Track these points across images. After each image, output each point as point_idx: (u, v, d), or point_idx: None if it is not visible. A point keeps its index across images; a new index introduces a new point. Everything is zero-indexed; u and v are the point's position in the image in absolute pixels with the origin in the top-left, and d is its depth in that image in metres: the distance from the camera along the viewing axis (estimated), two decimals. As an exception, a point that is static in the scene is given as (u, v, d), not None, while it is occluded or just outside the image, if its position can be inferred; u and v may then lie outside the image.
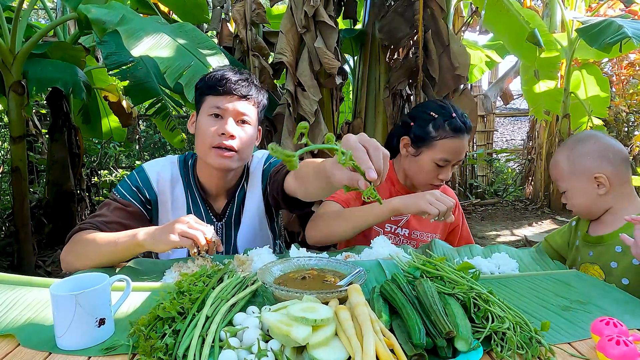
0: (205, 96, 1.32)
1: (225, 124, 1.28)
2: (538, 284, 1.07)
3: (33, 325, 0.87)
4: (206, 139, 1.29)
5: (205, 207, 1.41)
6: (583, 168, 1.27)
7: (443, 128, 1.48)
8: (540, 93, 4.85)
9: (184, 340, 0.75)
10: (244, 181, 1.45)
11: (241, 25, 3.35)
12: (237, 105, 1.30)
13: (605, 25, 3.24)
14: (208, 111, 1.30)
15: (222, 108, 1.28)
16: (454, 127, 1.47)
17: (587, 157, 1.27)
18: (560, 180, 1.33)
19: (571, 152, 1.31)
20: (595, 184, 1.26)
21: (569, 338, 0.82)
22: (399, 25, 3.30)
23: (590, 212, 1.32)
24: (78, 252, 1.20)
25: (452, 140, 1.48)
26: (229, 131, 1.27)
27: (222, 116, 1.29)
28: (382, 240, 1.24)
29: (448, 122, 1.48)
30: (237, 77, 1.31)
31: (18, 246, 3.04)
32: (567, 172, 1.30)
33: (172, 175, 1.39)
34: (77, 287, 0.84)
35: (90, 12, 2.28)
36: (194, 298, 0.86)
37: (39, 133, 4.82)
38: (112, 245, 1.15)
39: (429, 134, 1.50)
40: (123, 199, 1.32)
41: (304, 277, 0.99)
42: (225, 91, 1.28)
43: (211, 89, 1.30)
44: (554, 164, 1.35)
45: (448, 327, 0.73)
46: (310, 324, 0.72)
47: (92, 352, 0.79)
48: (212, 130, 1.28)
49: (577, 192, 1.30)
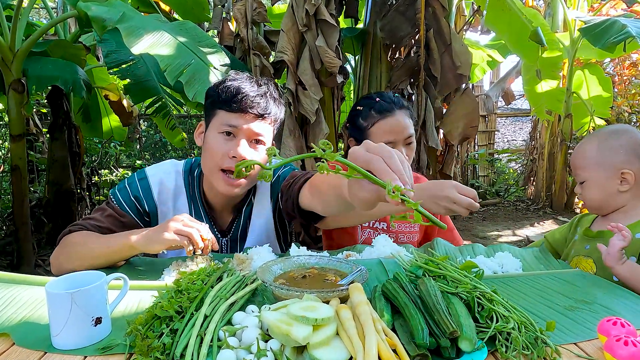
0: (217, 109, 1.20)
1: (238, 146, 1.16)
2: (542, 284, 1.05)
3: (28, 324, 0.86)
4: (215, 159, 1.18)
5: (210, 222, 1.31)
6: (612, 161, 1.24)
7: (370, 115, 1.47)
8: (542, 93, 4.83)
9: (181, 340, 0.73)
10: (251, 195, 1.35)
11: (242, 24, 3.34)
12: (252, 125, 1.17)
13: (608, 25, 3.22)
14: (219, 128, 1.18)
15: (235, 127, 1.17)
16: (380, 109, 1.46)
17: (619, 151, 1.24)
18: (582, 170, 1.29)
19: (603, 143, 1.26)
20: (619, 179, 1.23)
21: (574, 338, 0.81)
22: (401, 24, 3.28)
23: (601, 207, 1.29)
24: (69, 253, 1.15)
25: (383, 121, 1.45)
26: (242, 155, 1.16)
27: (235, 135, 1.18)
28: (384, 239, 1.22)
29: (372, 108, 1.48)
30: (255, 93, 1.18)
31: (18, 245, 3.03)
32: (592, 162, 1.26)
33: (176, 185, 1.30)
34: (74, 285, 0.83)
35: (90, 10, 2.27)
36: (192, 297, 0.85)
37: (39, 132, 4.81)
38: (104, 248, 1.12)
39: (361, 126, 1.49)
40: (120, 209, 1.25)
41: (304, 275, 0.97)
42: (240, 108, 1.16)
43: (225, 104, 1.18)
44: (580, 152, 1.31)
45: (452, 326, 0.72)
46: (311, 323, 0.70)
47: (88, 351, 0.78)
48: (223, 150, 1.17)
49: (597, 184, 1.26)
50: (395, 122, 1.45)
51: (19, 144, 2.94)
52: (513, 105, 9.32)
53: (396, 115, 1.45)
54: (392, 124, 1.45)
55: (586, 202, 1.30)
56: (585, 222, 1.37)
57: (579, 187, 1.31)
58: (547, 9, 5.51)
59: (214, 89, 1.22)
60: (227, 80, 1.21)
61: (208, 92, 1.24)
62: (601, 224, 1.30)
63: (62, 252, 1.17)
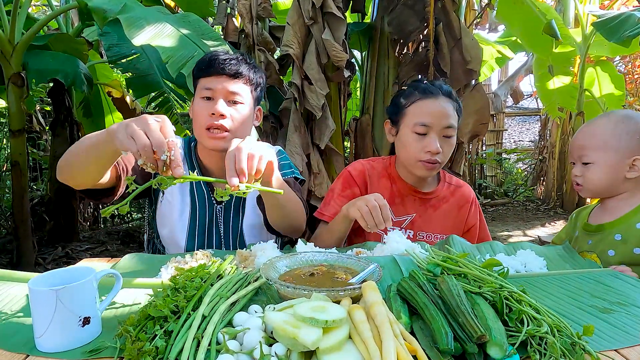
0: (198, 80, 1.31)
1: (215, 104, 1.26)
2: (571, 284, 0.97)
3: (11, 325, 0.79)
4: (199, 121, 1.28)
5: (208, 189, 1.39)
6: (626, 145, 1.19)
7: (411, 93, 1.39)
8: (554, 89, 4.72)
9: (176, 343, 0.66)
10: None
11: (247, 19, 3.27)
12: (227, 85, 1.27)
13: (623, 19, 3.12)
14: (200, 93, 1.29)
15: (212, 89, 1.27)
16: (423, 89, 1.37)
17: (635, 136, 1.20)
18: (591, 150, 1.23)
19: (619, 125, 1.21)
20: (628, 165, 1.20)
21: (614, 344, 0.72)
22: (409, 18, 3.20)
23: (603, 192, 1.26)
24: (68, 151, 1.10)
25: (423, 101, 1.35)
26: (219, 110, 1.25)
27: (213, 97, 1.28)
28: (397, 235, 1.14)
29: (415, 87, 1.40)
30: (226, 57, 1.29)
31: (17, 243, 2.98)
32: (603, 145, 1.21)
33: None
34: (60, 281, 0.76)
35: (91, 1, 2.21)
36: (190, 295, 0.77)
37: (42, 130, 4.77)
38: (92, 137, 1.02)
39: (400, 104, 1.41)
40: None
41: (312, 273, 0.89)
42: (214, 71, 1.27)
43: (202, 71, 1.29)
44: (590, 133, 1.25)
45: (480, 330, 0.63)
46: (321, 325, 0.63)
47: (74, 354, 0.71)
48: (204, 112, 1.27)
49: (604, 167, 1.22)
50: (437, 107, 1.34)
51: (18, 140, 2.88)
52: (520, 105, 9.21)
53: (439, 100, 1.35)
54: (431, 106, 1.34)
55: (588, 185, 1.25)
56: (583, 216, 1.34)
57: (581, 168, 1.26)
58: (557, 5, 5.40)
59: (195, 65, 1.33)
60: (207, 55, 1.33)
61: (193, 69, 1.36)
62: (599, 216, 1.28)
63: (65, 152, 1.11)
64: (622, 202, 1.24)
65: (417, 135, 1.34)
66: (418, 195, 1.47)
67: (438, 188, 1.49)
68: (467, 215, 1.50)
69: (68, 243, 3.74)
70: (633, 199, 1.23)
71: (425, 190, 1.47)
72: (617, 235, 1.19)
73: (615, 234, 1.20)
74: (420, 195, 1.47)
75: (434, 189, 1.49)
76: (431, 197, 1.48)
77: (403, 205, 1.47)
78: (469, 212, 1.51)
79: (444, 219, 1.47)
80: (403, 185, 1.47)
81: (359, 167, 1.50)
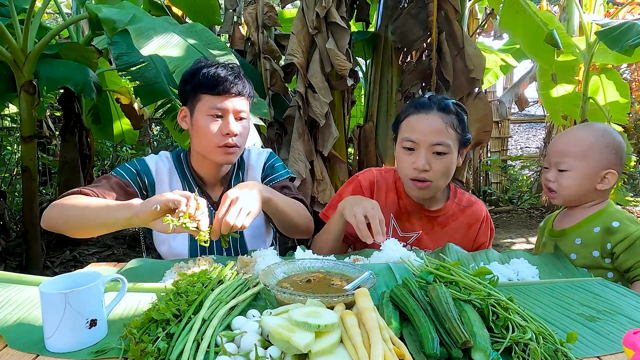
0: (200, 94, 1.33)
1: (229, 124, 1.32)
2: (561, 292, 0.99)
3: (23, 326, 0.83)
4: (211, 139, 1.32)
5: (202, 195, 1.42)
6: (602, 158, 1.24)
7: (407, 108, 1.38)
8: (558, 97, 4.72)
9: (177, 345, 0.69)
10: (239, 170, 1.49)
11: (253, 27, 3.34)
12: (236, 104, 1.33)
13: (626, 28, 3.13)
14: (208, 111, 1.32)
15: (223, 109, 1.32)
16: (416, 104, 1.35)
17: (613, 151, 1.24)
18: (570, 158, 1.26)
19: (600, 138, 1.25)
20: (600, 177, 1.25)
21: (597, 351, 0.75)
22: (412, 27, 3.24)
23: (573, 200, 1.30)
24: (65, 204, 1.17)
25: (414, 116, 1.32)
26: (234, 131, 1.32)
27: (223, 115, 1.32)
28: (393, 243, 1.17)
29: (413, 102, 1.39)
30: (232, 76, 1.33)
31: (27, 246, 3.04)
32: (583, 154, 1.25)
33: (170, 167, 1.44)
34: (69, 285, 0.80)
35: (101, 12, 2.27)
36: (191, 300, 0.81)
37: (52, 135, 4.86)
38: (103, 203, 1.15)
39: (398, 118, 1.40)
40: (123, 179, 1.34)
41: (308, 279, 0.93)
42: (222, 90, 1.31)
43: (208, 89, 1.31)
44: (572, 141, 1.28)
45: (464, 336, 0.67)
46: (314, 329, 0.66)
47: (81, 354, 0.75)
48: (216, 131, 1.31)
49: (579, 176, 1.25)
50: (425, 121, 1.29)
51: (29, 146, 2.95)
52: (527, 112, 9.19)
53: (430, 115, 1.30)
54: (420, 122, 1.30)
55: (562, 191, 1.28)
56: (549, 222, 1.41)
57: (555, 174, 1.29)
58: (562, 14, 5.41)
59: (192, 76, 1.34)
60: (202, 68, 1.33)
61: (185, 79, 1.36)
62: (563, 221, 1.34)
63: (60, 203, 1.19)
64: (584, 209, 1.30)
65: (406, 150, 1.32)
66: (424, 212, 1.44)
67: (446, 205, 1.45)
68: (477, 233, 1.46)
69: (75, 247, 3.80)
70: (594, 207, 1.29)
71: (432, 208, 1.44)
72: (578, 240, 1.26)
73: (576, 238, 1.26)
74: (426, 212, 1.44)
75: (442, 206, 1.45)
76: (439, 215, 1.44)
77: (409, 222, 1.44)
78: (479, 230, 1.46)
79: (451, 237, 1.40)
80: (409, 202, 1.44)
81: (369, 178, 1.49)
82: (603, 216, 1.26)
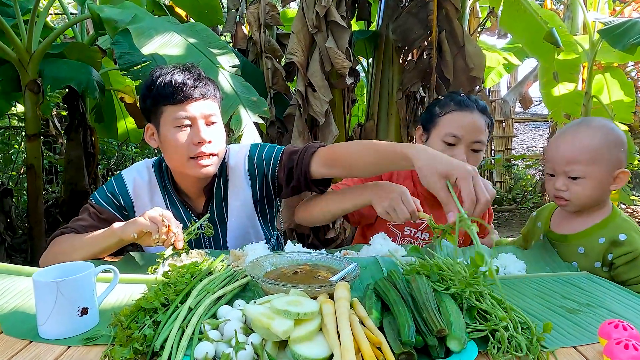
0: (161, 107, 1.22)
1: (200, 132, 1.21)
2: (546, 286, 1.01)
3: (18, 314, 0.86)
4: (182, 152, 1.22)
5: (185, 209, 1.36)
6: (615, 157, 1.15)
7: (447, 104, 1.41)
8: (560, 96, 4.70)
9: (163, 332, 0.72)
10: (220, 178, 1.36)
11: (255, 27, 3.37)
12: (202, 108, 1.22)
13: (629, 26, 3.12)
14: (173, 123, 1.21)
15: (189, 117, 1.21)
16: (458, 101, 1.40)
17: (621, 148, 1.15)
18: (581, 164, 1.15)
19: (607, 136, 1.15)
20: (612, 178, 1.16)
21: (574, 342, 0.77)
22: (413, 26, 3.24)
23: (587, 205, 1.20)
24: (56, 252, 1.21)
25: (457, 113, 1.38)
26: (206, 139, 1.21)
27: (192, 123, 1.22)
28: (382, 238, 1.19)
29: (452, 98, 1.42)
30: (191, 80, 1.21)
31: (32, 243, 3.09)
32: (594, 158, 1.14)
33: (150, 180, 1.36)
34: (62, 275, 0.83)
35: (103, 12, 2.31)
36: (179, 289, 0.84)
37: (58, 134, 4.92)
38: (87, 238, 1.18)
39: (434, 112, 1.44)
40: (98, 205, 1.32)
41: (295, 272, 0.95)
42: (185, 97, 1.19)
43: (167, 99, 1.20)
44: (579, 146, 1.15)
45: (440, 324, 0.69)
46: (293, 317, 0.69)
47: (72, 341, 0.77)
48: (186, 142, 1.21)
49: (595, 182, 1.15)
50: (470, 121, 1.37)
51: (34, 144, 3.00)
52: (533, 111, 9.15)
53: (473, 115, 1.38)
54: (465, 120, 1.37)
55: (577, 200, 1.18)
56: (545, 218, 1.33)
57: (565, 182, 1.17)
58: (566, 12, 5.39)
59: (149, 89, 1.23)
60: (157, 78, 1.22)
61: (143, 94, 1.26)
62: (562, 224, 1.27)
63: (51, 251, 1.23)
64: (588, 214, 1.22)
65: (445, 145, 1.37)
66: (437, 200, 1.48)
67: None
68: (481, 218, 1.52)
69: (80, 244, 3.85)
70: (598, 213, 1.21)
71: None
72: (581, 249, 1.19)
73: (579, 247, 1.19)
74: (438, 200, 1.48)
75: None
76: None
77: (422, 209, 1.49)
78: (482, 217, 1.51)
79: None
80: (423, 190, 1.47)
81: None
82: (609, 227, 1.17)
